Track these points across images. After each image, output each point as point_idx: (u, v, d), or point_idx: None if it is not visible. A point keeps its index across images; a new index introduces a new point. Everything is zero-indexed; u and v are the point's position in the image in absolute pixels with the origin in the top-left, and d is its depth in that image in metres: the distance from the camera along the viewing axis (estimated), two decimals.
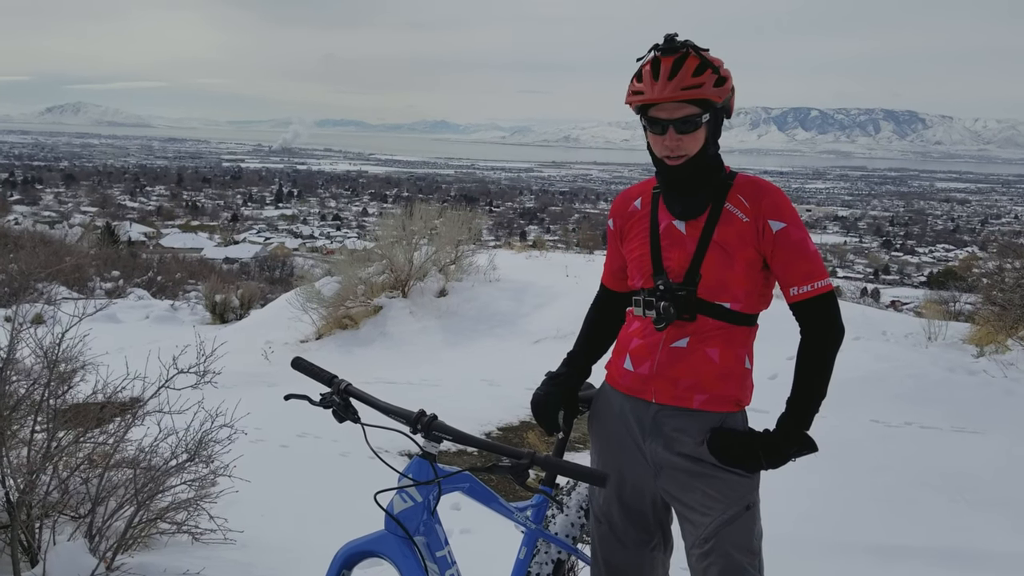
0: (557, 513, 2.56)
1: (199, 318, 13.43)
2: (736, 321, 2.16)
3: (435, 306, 10.47)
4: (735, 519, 2.12)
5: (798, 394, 2.10)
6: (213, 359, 3.89)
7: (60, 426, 3.52)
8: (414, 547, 1.86)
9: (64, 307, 4.33)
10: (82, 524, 3.55)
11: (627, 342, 2.30)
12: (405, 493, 1.90)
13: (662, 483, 2.22)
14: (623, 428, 2.27)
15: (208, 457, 3.82)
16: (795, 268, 2.10)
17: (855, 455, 5.15)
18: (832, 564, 3.90)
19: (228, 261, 48.90)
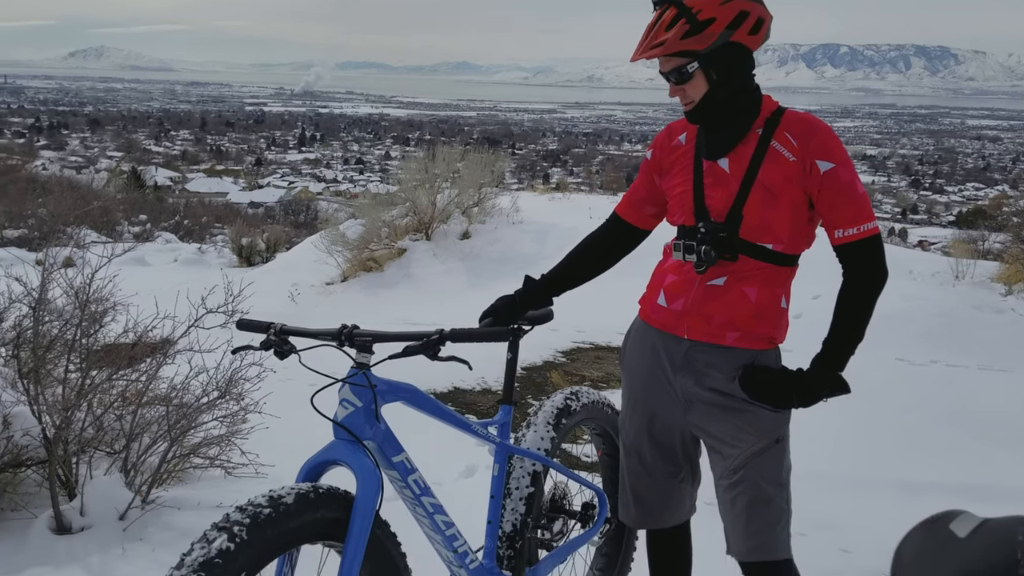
0: (526, 431, 2.59)
1: (226, 261, 13.55)
2: (777, 262, 2.13)
3: (458, 248, 10.49)
4: (764, 451, 2.13)
5: (835, 336, 2.07)
6: (241, 299, 3.94)
7: (93, 365, 3.60)
8: (365, 450, 1.93)
9: (93, 250, 4.38)
10: (117, 459, 3.65)
11: (662, 278, 2.29)
12: (346, 401, 1.97)
13: (692, 417, 2.23)
14: (654, 363, 2.28)
15: (238, 395, 3.91)
16: (842, 210, 2.05)
17: (880, 393, 5.16)
18: (857, 499, 3.93)
19: (253, 205, 49.13)
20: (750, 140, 2.11)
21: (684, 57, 2.04)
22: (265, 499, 1.74)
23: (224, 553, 1.61)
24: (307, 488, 1.81)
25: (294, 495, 1.77)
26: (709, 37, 2.02)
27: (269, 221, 25.36)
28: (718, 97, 2.08)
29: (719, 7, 2.02)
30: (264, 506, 1.71)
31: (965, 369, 5.69)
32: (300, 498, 1.77)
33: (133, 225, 18.90)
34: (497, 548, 2.40)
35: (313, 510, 1.78)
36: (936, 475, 4.20)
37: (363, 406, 1.97)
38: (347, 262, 10.54)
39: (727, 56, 2.06)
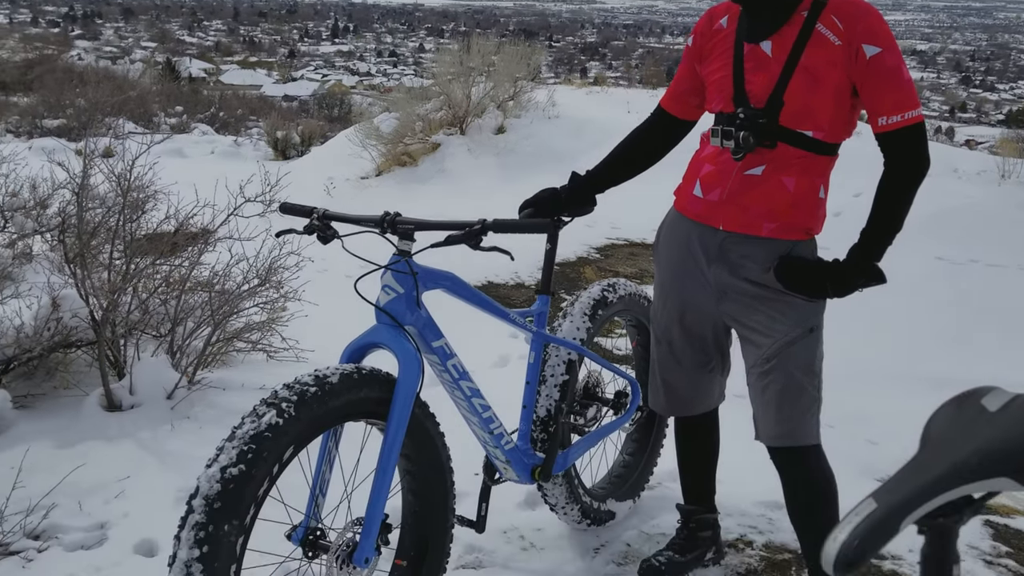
0: (562, 321, 2.63)
1: (262, 154, 13.56)
2: (817, 150, 2.08)
3: (493, 143, 10.39)
4: (798, 340, 2.14)
5: (874, 225, 2.04)
6: (278, 188, 3.99)
7: (136, 252, 3.69)
8: (406, 334, 1.97)
9: (131, 140, 4.42)
10: (163, 342, 3.77)
11: (698, 168, 2.25)
12: (388, 287, 2.01)
13: (725, 307, 2.24)
14: (688, 254, 2.27)
15: (278, 283, 3.99)
16: (886, 96, 1.99)
17: (917, 291, 5.12)
18: (888, 393, 3.97)
19: (287, 99, 48.79)
20: (795, 22, 2.03)
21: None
22: (311, 378, 1.80)
23: (273, 427, 1.68)
24: (351, 368, 1.87)
25: (339, 375, 1.83)
26: None
27: (303, 115, 25.23)
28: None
29: None
30: (310, 384, 1.77)
31: (1005, 269, 5.62)
32: (344, 378, 1.83)
33: (169, 116, 18.92)
34: (531, 431, 2.48)
35: (357, 389, 1.84)
36: (969, 371, 4.20)
37: (404, 292, 2.00)
38: (381, 156, 10.52)
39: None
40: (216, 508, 1.59)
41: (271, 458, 1.67)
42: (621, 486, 2.91)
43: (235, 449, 1.65)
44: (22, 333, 3.41)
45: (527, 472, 2.39)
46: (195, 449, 3.16)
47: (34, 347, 3.49)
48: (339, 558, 1.85)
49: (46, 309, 3.50)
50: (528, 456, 2.41)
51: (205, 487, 1.62)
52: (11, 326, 3.36)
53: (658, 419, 2.99)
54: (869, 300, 4.12)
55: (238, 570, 1.65)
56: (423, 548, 2.13)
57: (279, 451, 1.68)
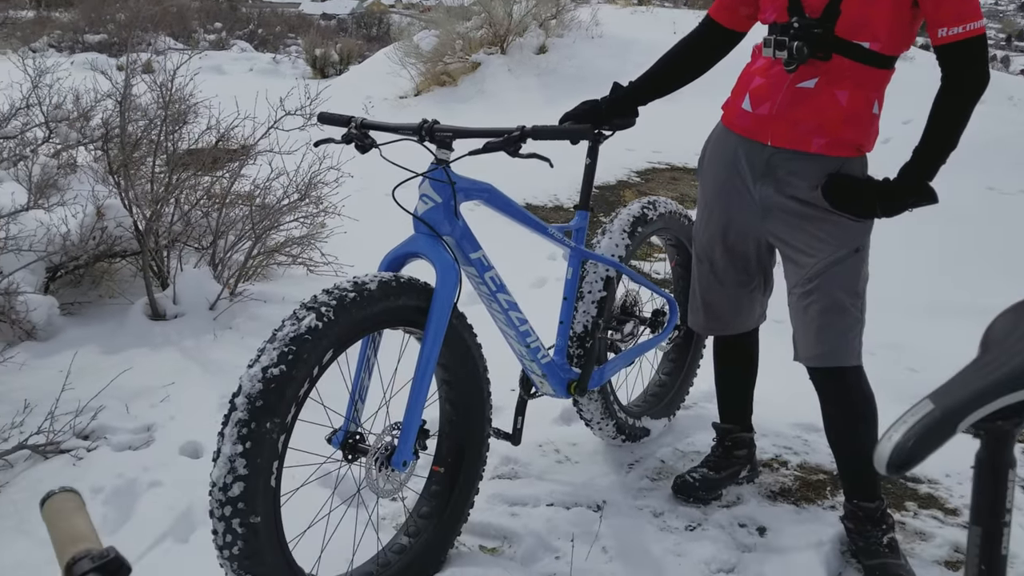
0: (601, 238, 2.61)
1: (301, 72, 13.49)
2: (873, 63, 2.00)
3: (534, 63, 10.21)
4: (843, 261, 2.09)
5: (928, 142, 1.97)
6: (318, 102, 3.96)
7: (178, 165, 3.70)
8: (444, 244, 1.97)
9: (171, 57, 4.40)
10: (205, 254, 3.82)
11: (748, 81, 2.18)
12: (426, 196, 2.00)
13: (770, 226, 2.19)
14: (734, 170, 2.21)
15: (318, 198, 4.00)
16: (949, 6, 1.90)
17: (965, 221, 5.01)
18: (930, 322, 3.92)
19: (325, 17, 48.14)
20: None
21: None
22: (350, 284, 1.81)
23: (313, 330, 1.70)
24: (389, 277, 1.88)
25: (377, 282, 1.84)
26: None
27: (342, 33, 24.91)
28: None
29: None
30: (349, 290, 1.79)
31: None
32: (383, 285, 1.84)
33: (208, 33, 18.82)
34: (567, 346, 2.48)
35: (395, 297, 1.86)
36: (1010, 302, 4.13)
37: (442, 202, 1.99)
38: (420, 75, 10.40)
39: None
40: (258, 406, 1.63)
41: (311, 360, 1.69)
42: (656, 404, 2.92)
43: (276, 351, 1.68)
44: (68, 241, 3.46)
45: (563, 386, 2.40)
46: (237, 358, 3.21)
47: (80, 255, 3.55)
48: (378, 460, 1.89)
49: (91, 218, 3.55)
50: (564, 371, 2.42)
51: (247, 386, 1.66)
52: (58, 233, 3.42)
53: (696, 339, 2.98)
54: (914, 227, 4.05)
55: (280, 466, 1.69)
56: (460, 456, 2.17)
57: (319, 353, 1.71)
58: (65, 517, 0.78)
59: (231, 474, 1.62)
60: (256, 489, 1.63)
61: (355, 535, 2.04)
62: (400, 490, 1.98)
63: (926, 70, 2.00)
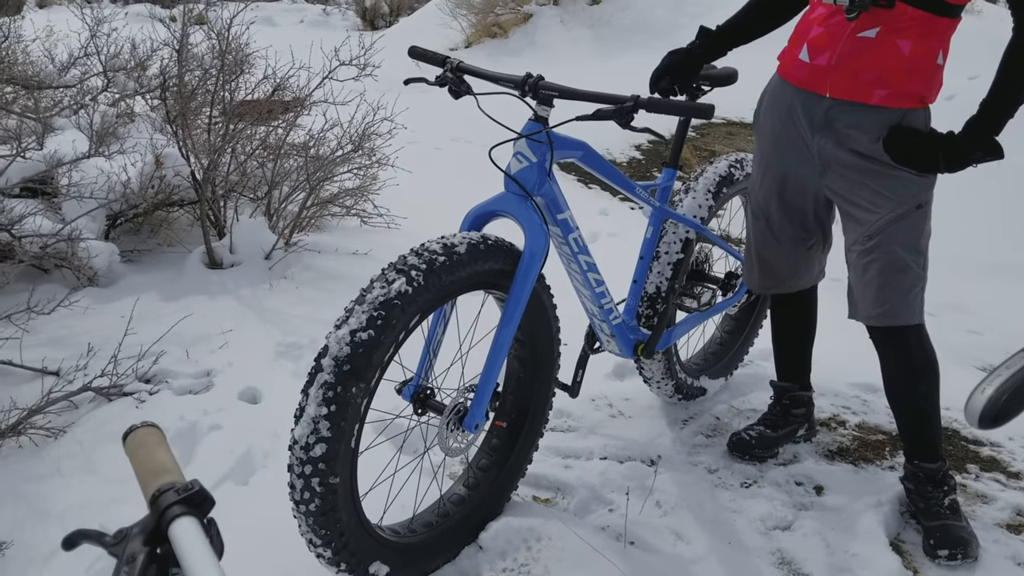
0: (684, 197, 2.55)
1: (351, 24, 13.44)
2: (938, 11, 1.91)
3: (587, 15, 10.03)
4: (904, 217, 2.02)
5: (996, 94, 1.89)
6: (372, 52, 3.93)
7: (234, 114, 3.71)
8: (534, 205, 1.92)
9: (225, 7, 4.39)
10: (260, 205, 3.84)
11: (806, 30, 2.09)
12: (520, 154, 1.94)
13: (828, 181, 2.12)
14: (791, 123, 2.14)
15: (371, 149, 3.99)
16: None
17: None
18: (990, 284, 3.83)
19: None
20: None
21: None
22: (440, 246, 1.78)
23: (402, 295, 1.67)
24: (478, 238, 1.84)
25: (466, 244, 1.81)
26: None
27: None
28: None
29: None
30: (439, 253, 1.75)
31: None
32: (472, 248, 1.81)
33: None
34: (638, 307, 2.45)
35: (483, 260, 1.82)
36: None
37: (537, 162, 1.94)
38: (471, 27, 10.30)
39: None
40: (345, 370, 1.61)
41: (399, 325, 1.67)
42: (715, 363, 2.88)
43: (365, 314, 1.65)
44: (128, 189, 3.51)
45: (630, 348, 2.38)
46: (292, 308, 3.26)
47: (140, 203, 3.60)
48: (449, 422, 1.88)
49: (150, 167, 3.58)
50: (633, 332, 2.40)
51: (335, 348, 1.63)
52: (118, 181, 3.46)
53: (762, 300, 2.92)
54: (976, 185, 3.91)
55: (360, 429, 1.69)
56: (524, 413, 2.16)
57: (407, 319, 1.69)
58: (148, 451, 0.79)
59: (314, 435, 1.61)
60: (337, 452, 1.63)
61: (418, 486, 2.06)
62: (468, 450, 1.99)
63: (993, 24, 1.90)
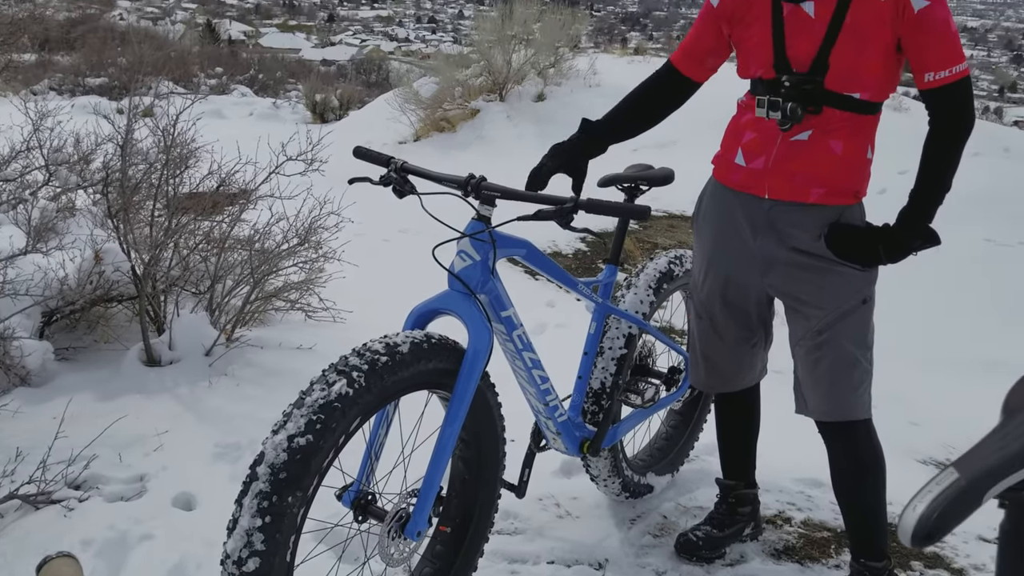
0: (626, 292, 2.59)
1: (300, 117, 13.57)
2: (864, 111, 2.01)
3: (532, 111, 10.30)
4: (851, 312, 2.08)
5: (923, 184, 1.98)
6: (320, 148, 3.96)
7: (178, 208, 3.69)
8: (478, 303, 1.92)
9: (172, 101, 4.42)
10: (202, 299, 3.78)
11: (739, 134, 2.16)
12: (464, 253, 1.95)
13: (772, 280, 2.17)
14: (732, 225, 2.19)
15: (317, 243, 3.98)
16: (934, 51, 1.92)
17: (964, 273, 5.02)
18: (929, 374, 3.90)
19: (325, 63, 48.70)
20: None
21: None
22: (382, 346, 1.75)
23: (343, 397, 1.64)
24: (421, 337, 1.83)
25: (409, 344, 1.79)
26: None
27: (341, 79, 25.18)
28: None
29: None
30: (381, 353, 1.73)
31: None
32: (415, 347, 1.79)
33: (209, 78, 18.98)
34: (584, 403, 2.45)
35: (426, 359, 1.80)
36: (1012, 354, 4.11)
37: (480, 260, 1.95)
38: (420, 121, 10.48)
39: None
40: (281, 478, 1.56)
41: (339, 429, 1.63)
42: (661, 459, 2.87)
43: (304, 418, 1.61)
44: (65, 285, 3.43)
45: (576, 445, 2.36)
46: (232, 406, 3.18)
47: (77, 300, 3.51)
48: (391, 529, 1.82)
49: (89, 262, 3.52)
50: (579, 428, 2.38)
51: (271, 455, 1.58)
52: (55, 278, 3.39)
53: (705, 395, 2.94)
54: (912, 279, 4.04)
55: (297, 540, 1.63)
56: (469, 517, 2.11)
57: (347, 423, 1.65)
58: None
59: (247, 548, 1.55)
60: (272, 566, 1.56)
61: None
62: (410, 558, 1.93)
63: (919, 120, 2.01)
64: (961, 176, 1.99)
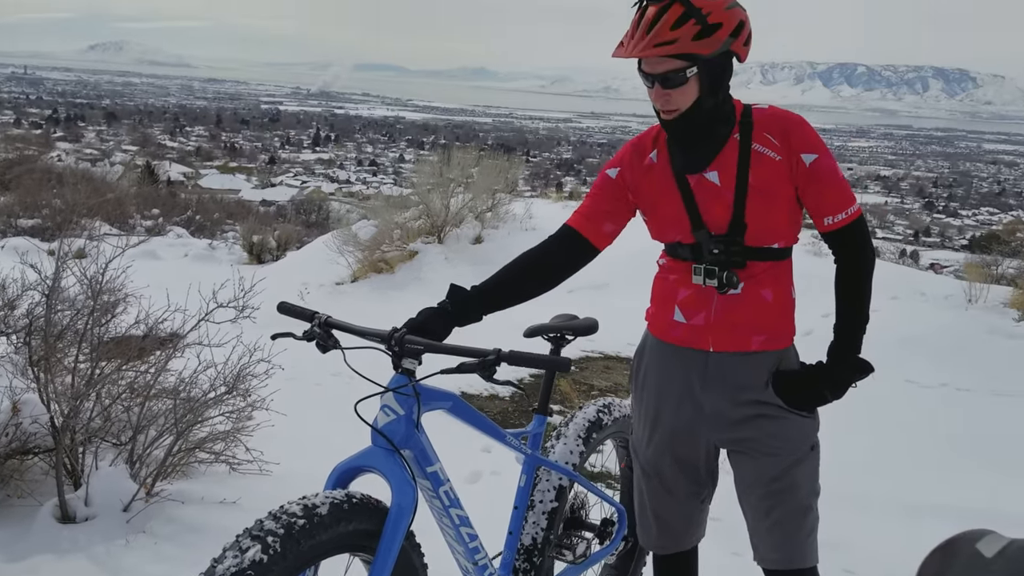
0: (555, 443, 2.58)
1: (237, 258, 13.56)
2: (782, 257, 2.14)
3: (470, 253, 10.49)
4: (802, 460, 2.13)
5: (844, 319, 2.10)
6: (252, 295, 3.95)
7: (102, 356, 3.61)
8: (402, 460, 1.89)
9: (106, 242, 4.40)
10: (123, 451, 3.65)
11: (672, 293, 2.21)
12: (388, 407, 1.93)
13: (723, 431, 2.18)
14: (678, 381, 2.22)
15: (245, 391, 3.91)
16: (829, 197, 2.07)
17: (888, 415, 5.13)
18: (862, 519, 3.91)
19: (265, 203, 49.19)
20: (731, 147, 2.08)
21: (684, 60, 1.95)
22: (299, 508, 1.70)
23: (256, 565, 1.57)
24: (341, 497, 1.78)
25: (328, 505, 1.73)
26: (716, 42, 1.95)
27: (280, 220, 25.39)
28: (705, 105, 2.02)
29: (724, 12, 1.96)
30: (298, 516, 1.67)
31: (975, 393, 5.66)
32: (335, 508, 1.74)
33: (145, 219, 18.95)
34: (515, 560, 2.39)
35: (347, 521, 1.75)
36: (941, 498, 4.17)
37: (405, 415, 1.93)
38: (358, 263, 10.56)
39: (722, 64, 2.02)
40: None
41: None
42: None
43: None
44: None
45: None
46: (150, 567, 3.03)
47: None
48: None
49: (5, 414, 3.39)
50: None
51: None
52: None
53: (639, 549, 2.89)
54: (834, 424, 4.10)
55: None
56: None
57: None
58: None
59: None
60: None
61: None
62: None
63: None
64: (881, 320, 2.10)
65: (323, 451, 4.29)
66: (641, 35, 1.95)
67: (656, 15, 1.93)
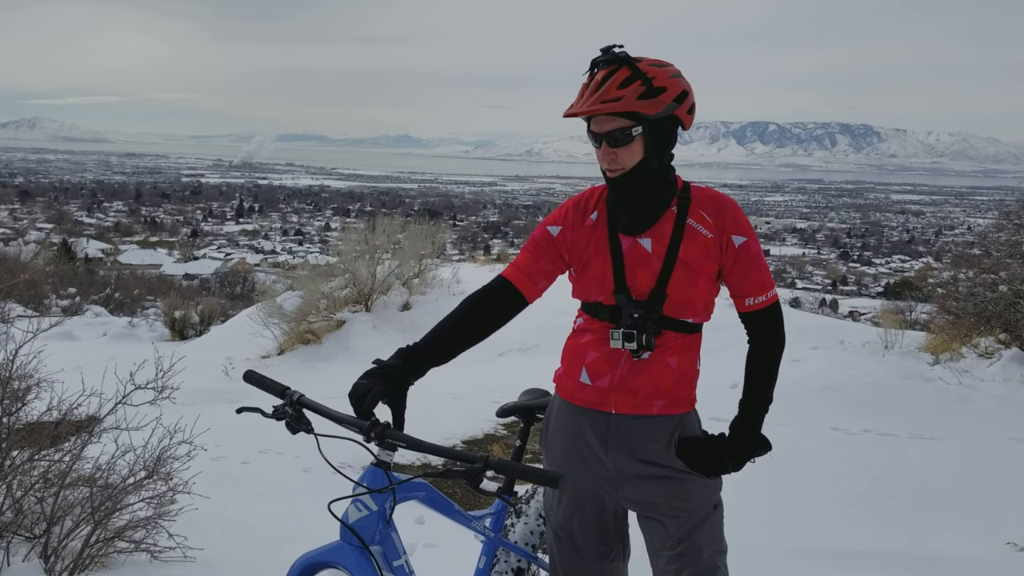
0: (516, 521, 2.56)
1: (158, 335, 13.24)
2: (693, 330, 2.21)
3: (398, 320, 10.44)
4: (706, 519, 2.16)
5: (751, 399, 2.18)
6: (171, 374, 3.84)
7: (14, 445, 3.45)
8: (370, 556, 1.84)
9: (18, 324, 4.25)
10: (37, 544, 3.48)
11: (580, 355, 2.26)
12: (360, 502, 1.89)
13: (627, 492, 2.22)
14: (582, 442, 2.25)
15: (167, 474, 3.77)
16: (753, 279, 2.16)
17: (815, 462, 5.22)
18: (792, 570, 3.94)
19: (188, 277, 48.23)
20: (668, 218, 2.17)
21: (630, 119, 2.05)
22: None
23: None
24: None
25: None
26: (660, 103, 2.05)
27: (204, 293, 24.93)
28: (650, 166, 2.11)
29: (669, 79, 2.08)
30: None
31: (897, 437, 5.80)
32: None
33: (61, 298, 18.38)
34: None
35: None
36: (870, 543, 4.23)
37: (377, 510, 1.88)
38: (284, 334, 10.41)
39: (667, 128, 2.11)
40: None
41: None
42: None
43: None
44: None
45: None
46: None
47: None
48: None
49: None
50: None
51: None
52: None
53: None
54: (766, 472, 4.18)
55: None
56: None
57: None
58: None
59: None
60: None
61: None
62: None
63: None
64: (805, 369, 2.17)
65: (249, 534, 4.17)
66: (590, 94, 2.06)
67: (604, 76, 2.06)
